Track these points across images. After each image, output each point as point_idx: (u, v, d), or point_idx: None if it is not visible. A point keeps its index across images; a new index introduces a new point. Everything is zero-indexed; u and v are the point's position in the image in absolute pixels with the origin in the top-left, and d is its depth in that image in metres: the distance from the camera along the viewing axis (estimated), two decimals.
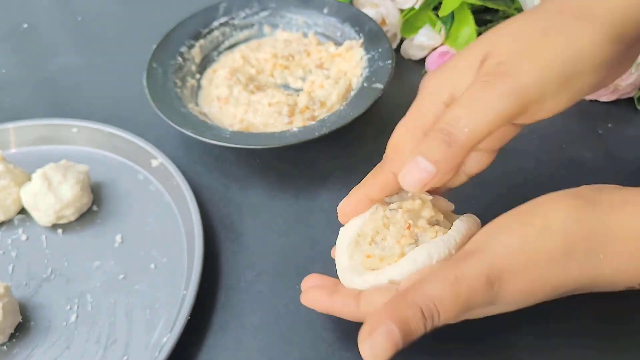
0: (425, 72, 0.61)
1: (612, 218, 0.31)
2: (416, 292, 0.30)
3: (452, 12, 0.59)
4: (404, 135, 0.37)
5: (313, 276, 0.39)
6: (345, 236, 0.39)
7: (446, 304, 0.30)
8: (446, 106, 0.35)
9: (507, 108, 0.31)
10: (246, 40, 0.64)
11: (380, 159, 0.39)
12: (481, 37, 0.36)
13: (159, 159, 0.52)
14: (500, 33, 0.35)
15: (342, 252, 0.38)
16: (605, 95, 0.56)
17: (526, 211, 0.33)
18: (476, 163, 0.37)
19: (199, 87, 0.60)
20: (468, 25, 0.58)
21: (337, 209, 0.39)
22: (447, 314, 0.30)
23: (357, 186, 0.38)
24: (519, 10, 0.58)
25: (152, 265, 0.47)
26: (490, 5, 0.58)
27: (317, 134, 0.49)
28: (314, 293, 0.37)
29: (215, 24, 0.62)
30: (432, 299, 0.30)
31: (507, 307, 0.33)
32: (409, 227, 0.35)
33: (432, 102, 0.36)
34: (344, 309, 0.35)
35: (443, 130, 0.32)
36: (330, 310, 0.36)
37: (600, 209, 0.31)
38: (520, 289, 0.31)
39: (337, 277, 0.38)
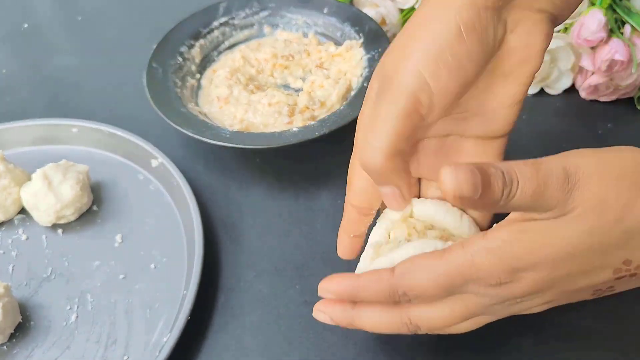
0: None
1: None
2: (501, 163, 0.30)
3: None
4: (352, 168, 0.38)
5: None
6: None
7: (526, 177, 0.29)
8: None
9: (401, 110, 0.33)
10: (246, 40, 0.64)
11: None
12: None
13: (159, 159, 0.52)
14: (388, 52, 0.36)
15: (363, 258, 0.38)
16: (605, 95, 0.56)
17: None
18: None
19: (199, 87, 0.60)
20: None
21: (340, 256, 0.40)
22: (525, 189, 0.29)
23: (340, 229, 0.40)
24: None
25: (152, 265, 0.47)
26: None
27: (317, 134, 0.49)
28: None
29: (215, 23, 0.62)
30: (510, 170, 0.29)
31: (576, 228, 0.31)
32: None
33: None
34: (374, 284, 0.34)
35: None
36: (356, 290, 0.35)
37: None
38: (595, 193, 0.30)
39: None
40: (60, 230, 0.50)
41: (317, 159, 0.54)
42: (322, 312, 0.36)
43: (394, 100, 0.33)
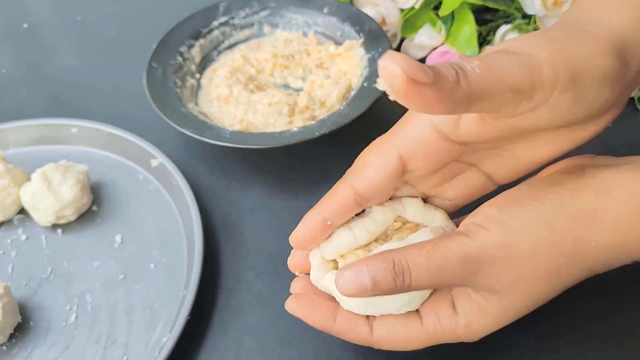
0: None
1: (598, 204, 0.32)
2: (394, 251, 0.32)
3: (453, 12, 0.59)
4: (375, 154, 0.35)
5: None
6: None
7: (418, 266, 0.31)
8: (434, 130, 0.34)
9: (520, 74, 0.28)
10: (246, 39, 0.64)
11: None
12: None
13: (159, 159, 0.52)
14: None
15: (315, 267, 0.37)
16: None
17: (513, 200, 0.33)
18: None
19: (199, 86, 0.60)
20: (468, 24, 0.58)
21: (290, 238, 0.37)
22: (417, 276, 0.31)
23: (312, 209, 0.36)
24: (519, 9, 0.58)
25: (152, 265, 0.47)
26: (490, 4, 0.58)
27: (317, 134, 0.49)
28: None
29: (215, 23, 0.62)
30: (406, 257, 0.31)
31: (501, 301, 0.33)
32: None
33: (420, 123, 0.34)
34: (351, 335, 0.36)
35: (454, 64, 0.28)
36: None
37: (584, 196, 0.32)
38: (502, 281, 0.32)
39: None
40: (59, 231, 0.50)
41: (317, 159, 0.54)
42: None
43: (521, 61, 0.29)
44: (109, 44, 0.70)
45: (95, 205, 0.51)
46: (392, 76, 0.25)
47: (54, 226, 0.50)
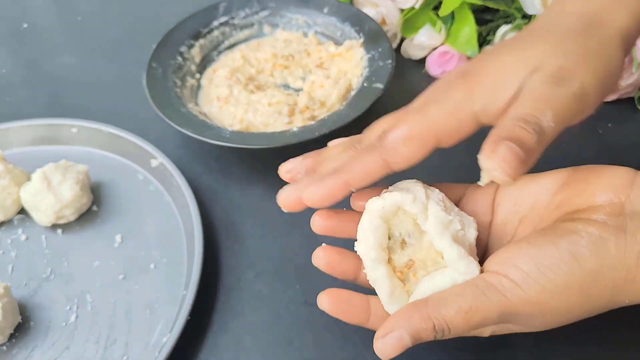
0: (425, 71, 0.61)
1: (637, 271, 0.31)
2: (433, 308, 0.32)
3: (453, 12, 0.59)
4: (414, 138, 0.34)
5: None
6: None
7: (457, 325, 0.32)
8: (474, 120, 0.34)
9: (575, 108, 0.33)
10: (246, 39, 0.64)
11: None
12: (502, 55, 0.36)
13: (158, 159, 0.52)
14: (540, 47, 0.35)
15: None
16: None
17: (551, 259, 0.32)
18: None
19: (199, 86, 0.60)
20: (468, 24, 0.58)
21: (306, 196, 0.35)
22: (456, 332, 0.32)
23: (333, 171, 0.35)
24: (519, 10, 0.58)
25: (152, 265, 0.47)
26: (490, 4, 0.58)
27: (317, 134, 0.49)
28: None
29: (215, 23, 0.62)
30: (446, 319, 0.32)
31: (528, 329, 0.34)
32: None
33: (460, 111, 0.34)
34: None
35: (531, 120, 0.31)
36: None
37: (626, 240, 0.31)
38: (536, 323, 0.33)
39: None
40: (59, 231, 0.50)
41: None
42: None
43: (574, 93, 0.33)
44: (109, 44, 0.70)
45: (95, 205, 0.51)
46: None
47: (54, 226, 0.50)
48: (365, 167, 0.34)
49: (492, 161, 0.30)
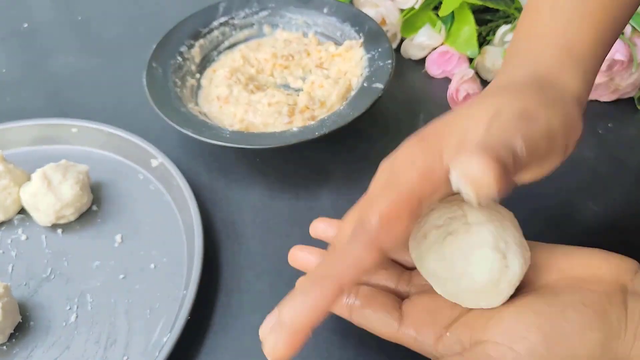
0: (425, 71, 0.61)
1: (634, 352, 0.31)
2: None
3: (452, 12, 0.59)
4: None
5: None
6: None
7: None
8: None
9: (544, 146, 0.31)
10: (246, 40, 0.64)
11: (380, 159, 0.37)
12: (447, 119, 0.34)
13: (159, 159, 0.52)
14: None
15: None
16: (605, 95, 0.56)
17: (559, 334, 0.32)
18: None
19: (198, 86, 0.60)
20: (468, 24, 0.58)
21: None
22: None
23: (321, 278, 0.32)
24: (519, 10, 0.58)
25: (152, 265, 0.47)
26: (490, 5, 0.58)
27: (317, 134, 0.49)
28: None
29: (215, 23, 0.62)
30: None
31: None
32: None
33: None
34: None
35: (505, 144, 0.29)
36: None
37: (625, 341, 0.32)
38: None
39: None
40: (60, 230, 0.50)
41: (317, 159, 0.54)
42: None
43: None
44: (109, 44, 0.70)
45: (95, 205, 0.51)
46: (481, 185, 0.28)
47: (54, 226, 0.50)
48: (355, 260, 0.30)
49: (474, 165, 0.27)
